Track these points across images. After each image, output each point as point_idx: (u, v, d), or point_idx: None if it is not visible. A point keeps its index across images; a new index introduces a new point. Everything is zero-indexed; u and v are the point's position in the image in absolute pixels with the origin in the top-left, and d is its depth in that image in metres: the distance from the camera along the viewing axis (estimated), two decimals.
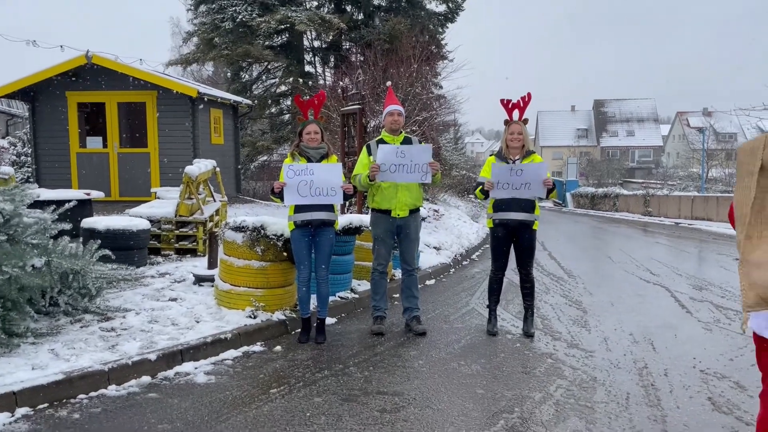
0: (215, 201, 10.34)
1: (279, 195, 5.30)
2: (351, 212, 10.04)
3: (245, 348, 5.20)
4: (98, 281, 5.47)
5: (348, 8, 20.71)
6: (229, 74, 23.46)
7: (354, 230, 6.66)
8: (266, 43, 20.31)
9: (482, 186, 5.56)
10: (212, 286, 6.32)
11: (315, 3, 20.74)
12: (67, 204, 5.63)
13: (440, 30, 21.38)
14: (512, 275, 6.72)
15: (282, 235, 5.66)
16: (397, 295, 6.87)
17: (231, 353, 5.05)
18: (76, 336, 4.88)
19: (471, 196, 20.92)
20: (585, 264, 10.56)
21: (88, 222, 7.44)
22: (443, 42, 21.12)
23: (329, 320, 6.00)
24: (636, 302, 7.32)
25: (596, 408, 4.03)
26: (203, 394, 4.21)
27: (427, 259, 9.29)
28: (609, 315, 6.64)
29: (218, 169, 10.78)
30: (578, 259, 11.07)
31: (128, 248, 7.32)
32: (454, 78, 50.82)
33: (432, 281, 8.60)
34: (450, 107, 18.33)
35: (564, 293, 7.81)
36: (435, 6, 21.49)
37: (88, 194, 9.11)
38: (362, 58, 15.48)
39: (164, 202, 9.45)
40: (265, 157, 22.86)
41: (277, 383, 4.43)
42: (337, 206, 5.55)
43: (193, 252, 8.78)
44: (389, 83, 7.76)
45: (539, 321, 6.26)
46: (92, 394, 4.13)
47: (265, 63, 21.30)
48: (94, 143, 14.19)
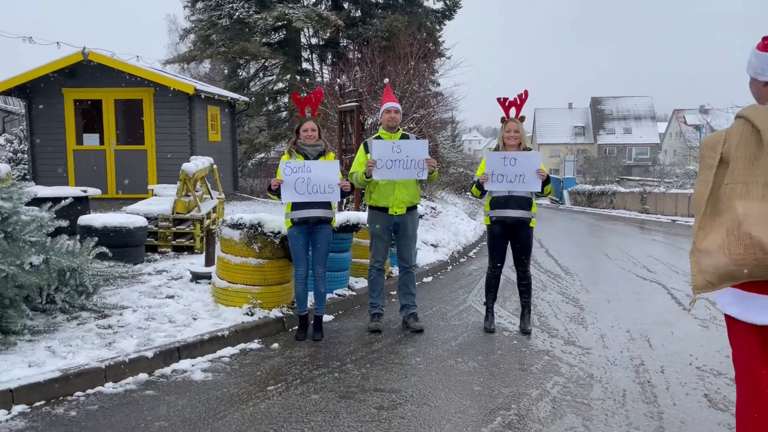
0: (212, 198, 10.33)
1: (276, 192, 5.30)
2: (348, 209, 10.04)
3: (242, 345, 5.20)
4: (95, 278, 5.46)
5: (345, 5, 20.69)
6: (227, 71, 23.43)
7: (351, 227, 6.66)
8: (263, 40, 20.29)
9: (478, 182, 5.56)
10: (209, 284, 6.32)
11: (312, 0, 20.72)
12: (64, 201, 5.62)
13: (438, 27, 21.40)
14: (509, 272, 6.71)
15: (279, 233, 5.66)
16: (395, 293, 6.87)
17: (228, 350, 5.05)
18: (73, 333, 4.87)
19: (468, 194, 20.92)
20: (582, 261, 10.58)
21: (85, 219, 7.44)
22: (441, 39, 21.14)
23: (326, 317, 6.00)
24: (633, 299, 7.34)
25: (593, 405, 4.04)
26: (200, 392, 4.21)
27: (425, 257, 9.30)
28: (606, 312, 6.65)
29: (215, 167, 10.78)
30: (575, 257, 11.09)
31: (125, 245, 7.32)
32: (452, 75, 50.91)
33: (429, 278, 8.61)
34: (447, 104, 18.36)
35: (561, 290, 7.83)
36: (432, 3, 21.51)
37: (85, 191, 9.10)
38: (360, 56, 15.49)
39: (161, 200, 9.44)
40: (263, 155, 22.84)
41: (275, 380, 4.43)
42: (335, 203, 5.55)
43: (191, 249, 8.77)
44: (386, 80, 7.74)
45: (536, 318, 6.28)
46: (89, 392, 4.12)
47: (263, 60, 21.27)
48: (91, 140, 14.16)
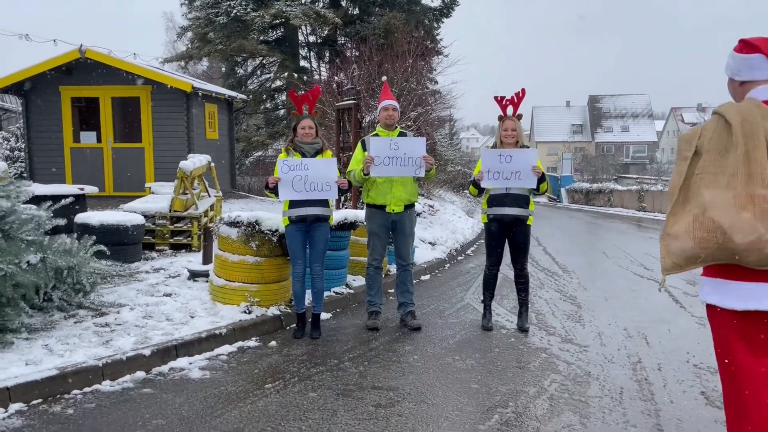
0: (210, 196, 10.31)
1: (274, 190, 5.28)
2: (346, 207, 10.04)
3: (240, 343, 5.20)
4: (93, 277, 5.45)
5: (343, 3, 20.66)
6: (224, 69, 23.38)
7: (349, 225, 6.66)
8: (261, 38, 20.24)
9: (474, 180, 5.57)
10: (207, 282, 6.31)
11: None
12: (64, 200, 5.62)
13: (435, 25, 21.35)
14: (507, 270, 6.72)
15: (277, 231, 5.65)
16: (392, 291, 6.87)
17: (226, 348, 5.05)
18: (70, 331, 4.86)
19: (466, 192, 20.93)
20: (579, 259, 10.59)
21: (82, 217, 7.42)
22: (438, 37, 21.11)
23: (324, 315, 6.00)
24: (630, 297, 7.35)
25: (590, 402, 4.05)
26: (198, 390, 4.21)
27: (422, 255, 9.30)
28: (603, 310, 6.66)
29: (213, 164, 10.75)
30: (573, 255, 11.10)
31: (122, 243, 7.31)
32: (450, 73, 50.83)
33: (427, 276, 8.61)
34: (445, 102, 18.34)
35: (558, 288, 7.84)
36: (430, 1, 21.48)
37: (82, 189, 9.08)
38: (357, 53, 15.48)
39: (159, 197, 9.42)
40: (260, 153, 22.80)
41: (272, 378, 4.43)
42: (332, 201, 5.55)
43: (188, 247, 8.76)
44: (384, 78, 7.73)
45: (534, 316, 6.28)
46: (86, 390, 4.12)
47: (260, 58, 21.23)
48: (88, 138, 14.12)
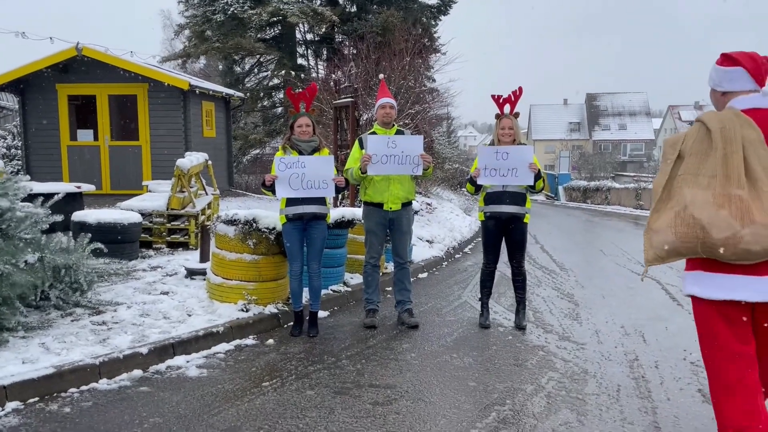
0: (207, 194, 10.30)
1: (270, 188, 5.27)
2: (344, 206, 10.03)
3: (237, 341, 5.20)
4: (90, 275, 5.43)
5: (340, 1, 20.62)
6: (221, 67, 23.33)
7: (346, 223, 6.66)
8: (258, 36, 20.18)
9: (471, 178, 5.57)
10: (204, 280, 6.30)
11: None
12: (56, 196, 5.58)
13: (433, 23, 21.31)
14: (504, 268, 6.73)
15: (274, 229, 5.64)
16: (390, 288, 6.87)
17: (223, 347, 5.04)
18: (67, 330, 4.85)
19: (463, 190, 20.94)
20: (577, 257, 10.60)
21: (79, 215, 7.40)
22: (436, 35, 21.07)
23: (322, 313, 6.00)
24: (627, 295, 7.36)
25: (587, 400, 4.06)
26: (195, 388, 4.21)
27: (420, 253, 9.30)
28: (600, 307, 6.67)
29: (210, 162, 10.74)
30: (570, 252, 11.10)
31: (119, 242, 7.30)
32: (447, 71, 50.75)
33: (424, 274, 8.61)
34: (443, 100, 18.33)
35: (556, 286, 7.84)
36: None
37: (79, 187, 9.07)
38: (355, 51, 15.44)
39: (156, 196, 9.40)
40: (258, 151, 22.77)
41: (270, 376, 4.43)
42: (329, 199, 5.54)
43: (185, 245, 8.75)
44: (382, 76, 7.74)
45: (531, 314, 6.29)
46: (83, 388, 4.11)
47: (258, 56, 21.18)
48: (85, 136, 14.08)
